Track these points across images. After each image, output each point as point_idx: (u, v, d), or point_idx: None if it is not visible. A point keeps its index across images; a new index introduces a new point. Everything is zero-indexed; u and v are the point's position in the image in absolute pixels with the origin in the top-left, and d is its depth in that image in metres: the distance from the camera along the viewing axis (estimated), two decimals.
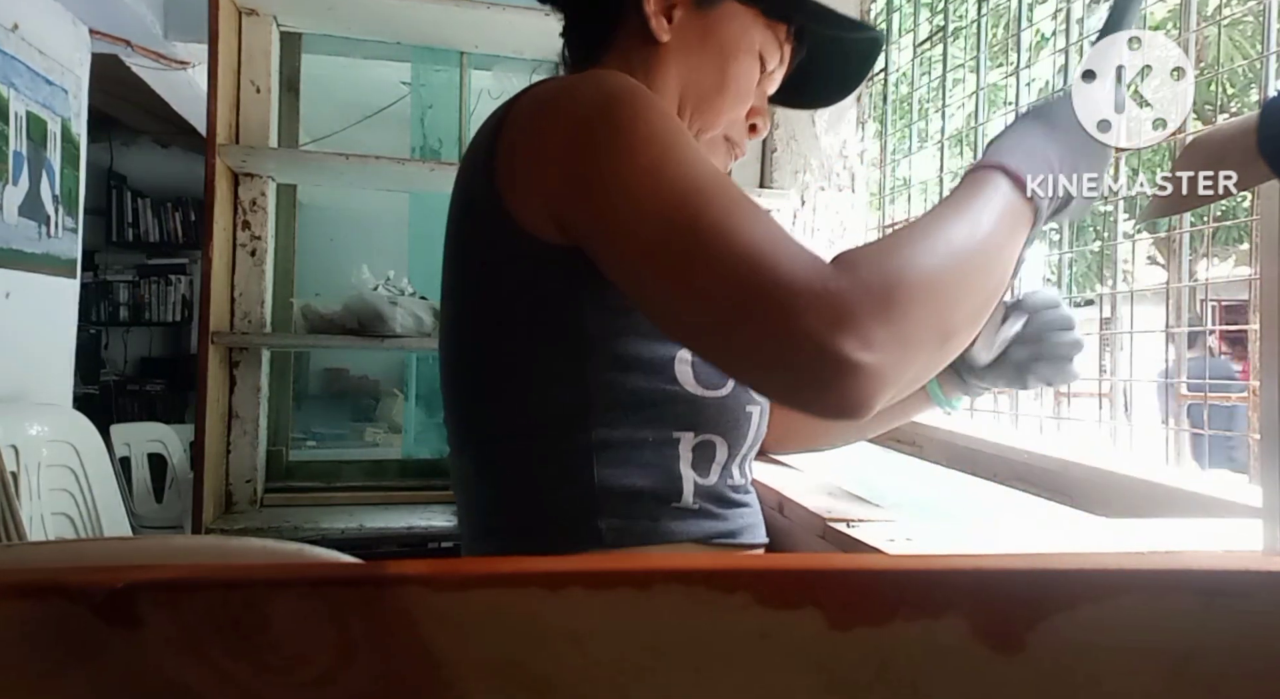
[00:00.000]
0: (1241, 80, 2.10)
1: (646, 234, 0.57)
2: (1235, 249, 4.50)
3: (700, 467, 0.72)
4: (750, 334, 0.52)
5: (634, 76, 0.74)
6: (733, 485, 0.76)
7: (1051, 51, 1.39)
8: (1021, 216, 0.60)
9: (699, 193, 0.56)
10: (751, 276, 0.52)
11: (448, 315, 0.75)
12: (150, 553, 0.56)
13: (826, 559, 0.27)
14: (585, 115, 0.63)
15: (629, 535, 0.69)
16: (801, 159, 1.90)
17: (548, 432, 0.70)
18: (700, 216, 0.55)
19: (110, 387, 4.80)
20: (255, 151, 1.62)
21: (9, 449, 1.86)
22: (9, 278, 2.42)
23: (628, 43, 0.78)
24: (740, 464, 0.77)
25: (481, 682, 0.23)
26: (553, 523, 0.70)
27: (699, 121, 0.79)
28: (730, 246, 0.53)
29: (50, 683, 0.22)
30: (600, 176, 0.60)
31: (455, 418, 0.76)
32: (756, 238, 0.53)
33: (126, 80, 3.22)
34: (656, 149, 0.59)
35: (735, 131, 0.82)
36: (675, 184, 0.57)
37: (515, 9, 1.66)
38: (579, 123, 0.62)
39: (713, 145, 0.82)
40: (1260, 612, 0.24)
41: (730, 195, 0.56)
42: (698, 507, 0.72)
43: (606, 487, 0.69)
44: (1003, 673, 0.23)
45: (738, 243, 0.53)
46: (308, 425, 2.91)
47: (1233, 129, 0.62)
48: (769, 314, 0.51)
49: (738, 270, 0.52)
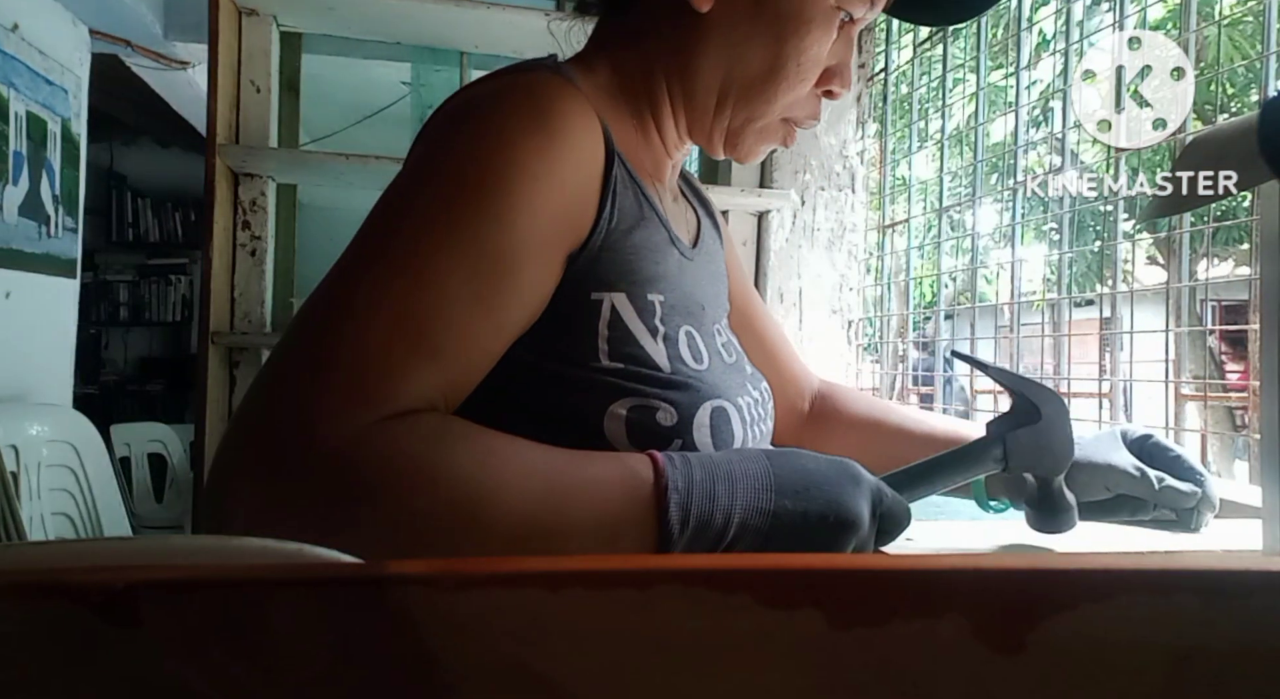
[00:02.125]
0: (1241, 80, 2.10)
1: (338, 262, 0.52)
2: (1235, 249, 4.49)
3: None
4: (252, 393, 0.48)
5: (663, 56, 0.66)
6: None
7: (1051, 52, 1.39)
8: (629, 531, 0.48)
9: (396, 265, 0.50)
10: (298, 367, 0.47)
11: None
12: (150, 553, 0.55)
13: (826, 559, 0.27)
14: (442, 125, 0.58)
15: None
16: (801, 159, 1.90)
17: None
18: (351, 289, 0.50)
19: (110, 387, 4.80)
20: (255, 151, 1.62)
21: (9, 449, 1.86)
22: (9, 278, 2.42)
23: (659, 12, 0.65)
24: None
25: (481, 682, 0.23)
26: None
27: (745, 111, 0.66)
28: (328, 331, 0.48)
29: (50, 683, 0.22)
30: (389, 189, 0.55)
31: None
32: (356, 342, 0.47)
33: (126, 80, 3.22)
34: (445, 193, 0.52)
35: (799, 109, 0.68)
36: (391, 242, 0.51)
37: (515, 9, 1.66)
38: (433, 130, 0.59)
39: (766, 132, 0.68)
40: (1260, 612, 0.24)
41: (423, 284, 0.49)
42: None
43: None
44: (1003, 673, 0.23)
45: (339, 331, 0.48)
46: None
47: (1233, 129, 0.62)
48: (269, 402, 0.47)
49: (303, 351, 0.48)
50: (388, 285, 0.49)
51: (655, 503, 0.48)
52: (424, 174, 0.55)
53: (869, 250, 1.97)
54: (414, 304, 0.49)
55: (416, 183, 0.55)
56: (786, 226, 1.91)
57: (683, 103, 0.68)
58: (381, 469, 0.45)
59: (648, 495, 0.48)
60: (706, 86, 0.65)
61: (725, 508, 0.49)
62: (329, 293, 0.50)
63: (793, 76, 0.64)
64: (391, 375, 0.47)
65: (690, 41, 0.64)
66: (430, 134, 0.59)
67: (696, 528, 0.49)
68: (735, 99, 0.65)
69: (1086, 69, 1.08)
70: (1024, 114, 1.42)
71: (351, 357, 0.47)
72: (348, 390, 0.46)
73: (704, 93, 0.66)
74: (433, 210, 0.52)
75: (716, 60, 0.64)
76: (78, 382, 2.95)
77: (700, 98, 0.66)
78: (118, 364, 4.99)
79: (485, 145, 0.54)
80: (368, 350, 0.47)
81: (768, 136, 0.69)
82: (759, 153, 0.71)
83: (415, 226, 0.51)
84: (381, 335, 0.48)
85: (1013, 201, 1.41)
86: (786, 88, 0.64)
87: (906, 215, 1.81)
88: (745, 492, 0.50)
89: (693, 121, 0.69)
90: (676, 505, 0.48)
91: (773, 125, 0.68)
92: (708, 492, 0.49)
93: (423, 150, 0.58)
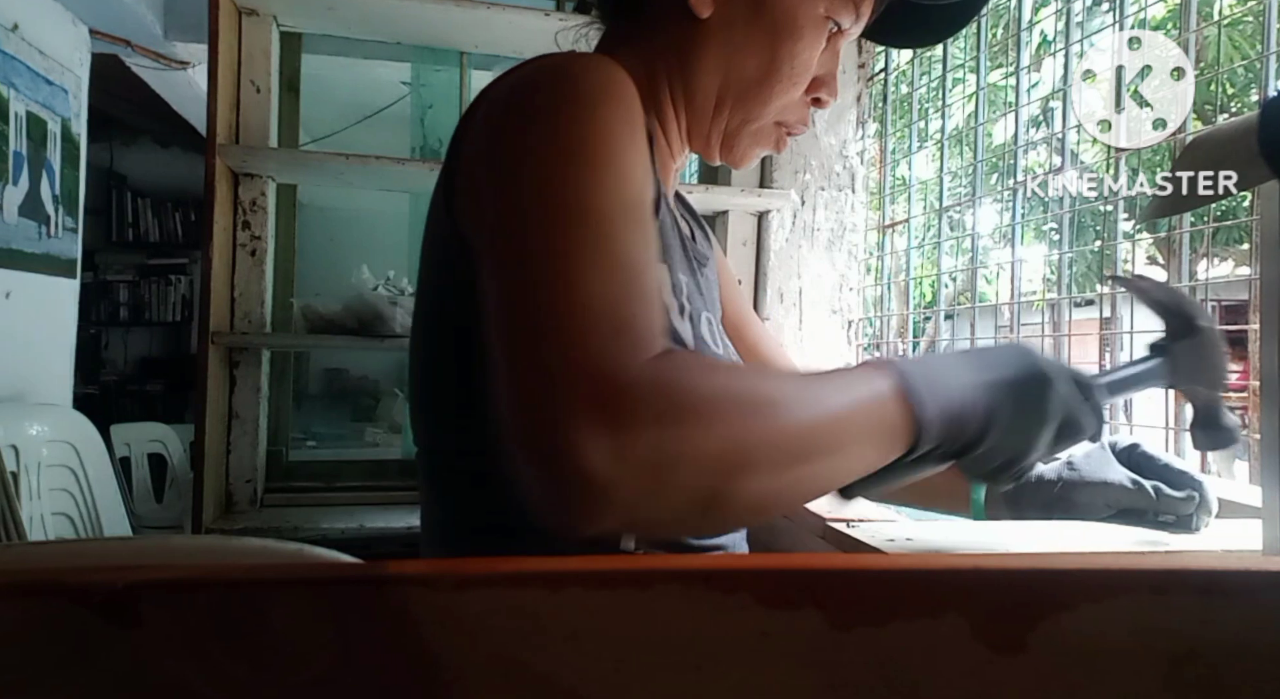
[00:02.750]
0: (1241, 80, 2.10)
1: (505, 251, 0.51)
2: (1235, 249, 4.50)
3: None
4: (522, 375, 0.46)
5: (666, 59, 0.69)
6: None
7: (1051, 52, 1.39)
8: (889, 426, 0.50)
9: (577, 225, 0.50)
10: (555, 336, 0.45)
11: (413, 317, 0.71)
12: (150, 553, 0.56)
13: (826, 559, 0.27)
14: (523, 111, 0.57)
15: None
16: (801, 159, 1.90)
17: (478, 452, 0.63)
18: (555, 256, 0.48)
19: (110, 387, 4.80)
20: (255, 151, 1.62)
21: (9, 449, 1.86)
22: (9, 278, 2.43)
23: (662, 17, 0.68)
24: None
25: (481, 682, 0.23)
26: (489, 545, 0.65)
27: (742, 113, 0.69)
28: (560, 296, 0.47)
29: (50, 683, 0.22)
30: (500, 173, 0.54)
31: (411, 419, 0.72)
32: (594, 294, 0.47)
33: (126, 80, 3.22)
34: (568, 163, 0.52)
35: (790, 114, 0.72)
36: (560, 208, 0.50)
37: (515, 9, 1.66)
38: (513, 109, 0.57)
39: (760, 135, 0.72)
40: (1260, 612, 0.24)
41: (610, 237, 0.50)
42: (642, 553, 0.65)
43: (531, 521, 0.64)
44: (1003, 673, 0.23)
45: (572, 295, 0.47)
46: (308, 425, 2.90)
47: (1233, 129, 0.62)
48: (547, 371, 0.45)
49: (547, 322, 0.46)
50: (595, 247, 0.49)
51: (901, 397, 0.50)
52: (548, 140, 0.54)
53: (869, 250, 1.97)
54: (622, 260, 0.50)
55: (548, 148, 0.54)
56: (786, 226, 1.91)
57: (684, 105, 0.71)
58: (696, 388, 0.45)
59: (892, 390, 0.51)
60: (706, 88, 0.68)
61: (954, 389, 0.52)
62: (542, 264, 0.49)
63: (786, 80, 0.67)
64: (639, 322, 0.47)
65: (691, 45, 0.67)
66: (524, 103, 0.58)
67: (944, 415, 0.51)
68: (733, 101, 0.69)
69: (1086, 69, 1.08)
70: (1024, 114, 1.42)
71: (603, 310, 0.46)
72: (622, 337, 0.46)
73: (703, 95, 0.69)
74: (581, 174, 0.52)
75: (716, 63, 0.67)
76: (78, 382, 2.95)
77: (700, 100, 0.70)
78: (118, 364, 4.99)
79: (590, 101, 0.55)
80: (614, 302, 0.47)
81: (762, 140, 0.73)
82: (752, 156, 0.74)
83: (577, 193, 0.51)
84: (617, 289, 0.48)
85: (1013, 201, 1.41)
86: (781, 91, 0.68)
87: (906, 215, 1.81)
88: (958, 373, 0.54)
89: (693, 124, 0.72)
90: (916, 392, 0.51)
91: (767, 128, 0.72)
92: (932, 378, 0.52)
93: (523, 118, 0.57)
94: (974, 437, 0.53)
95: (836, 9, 0.67)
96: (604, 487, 0.41)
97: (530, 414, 0.44)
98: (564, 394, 0.43)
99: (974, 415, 0.53)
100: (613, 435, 0.41)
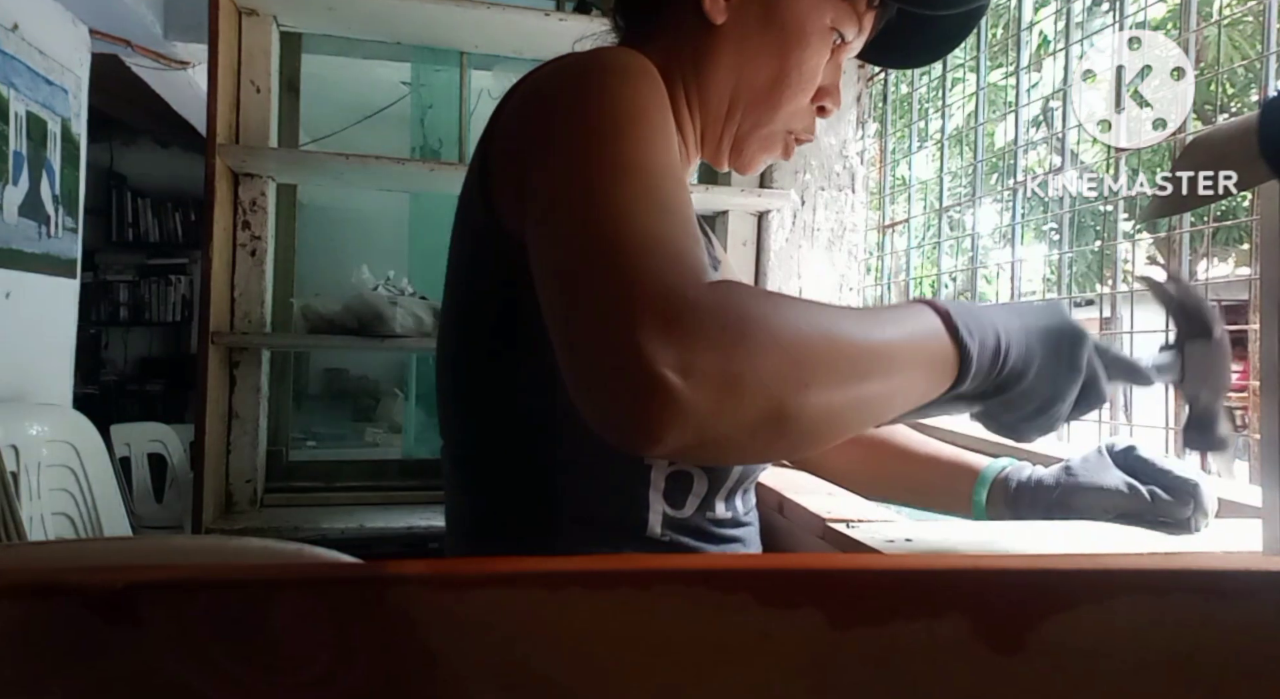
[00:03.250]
0: (1241, 80, 2.10)
1: (557, 203, 0.53)
2: (1235, 249, 4.49)
3: (674, 496, 0.67)
4: (584, 302, 0.47)
5: (682, 63, 0.71)
6: (714, 519, 0.70)
7: (1051, 52, 1.39)
8: (940, 357, 0.52)
9: (626, 173, 0.51)
10: (615, 259, 0.46)
11: (442, 313, 0.73)
12: (150, 553, 0.56)
13: (826, 559, 0.27)
14: (557, 90, 0.59)
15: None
16: (801, 159, 1.90)
17: (514, 446, 0.66)
18: (607, 199, 0.50)
19: (110, 387, 4.80)
20: (255, 151, 1.62)
21: (9, 449, 1.86)
22: (9, 278, 2.43)
23: (679, 23, 0.71)
24: (728, 497, 0.71)
25: (481, 682, 0.23)
26: (513, 541, 0.67)
27: (753, 117, 0.72)
28: (617, 230, 0.48)
29: (50, 683, 0.22)
30: (544, 143, 0.56)
31: (439, 414, 0.74)
32: (649, 228, 0.48)
33: (126, 80, 3.22)
34: (608, 127, 0.54)
35: (798, 122, 0.74)
36: (607, 161, 0.52)
37: (515, 9, 1.66)
38: (549, 97, 0.59)
39: (769, 140, 0.75)
40: (1260, 612, 0.24)
41: (658, 188, 0.52)
42: (667, 539, 0.66)
43: (567, 509, 0.65)
44: (1003, 673, 0.23)
45: (628, 228, 0.48)
46: (308, 425, 2.90)
47: (1233, 129, 0.62)
48: (610, 293, 0.45)
49: (605, 252, 0.47)
50: (646, 193, 0.51)
51: (952, 331, 0.53)
52: (590, 106, 0.56)
53: (869, 250, 1.97)
54: (669, 205, 0.51)
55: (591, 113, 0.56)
56: (786, 226, 1.91)
57: (699, 109, 0.73)
58: (757, 307, 0.46)
59: (938, 323, 0.53)
60: (720, 92, 0.71)
61: (994, 327, 0.55)
62: (595, 206, 0.50)
63: (795, 86, 0.70)
64: (693, 254, 0.49)
65: (705, 50, 0.70)
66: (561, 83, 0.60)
67: (988, 349, 0.54)
68: (745, 105, 0.71)
69: (1087, 69, 1.08)
70: (1024, 114, 1.42)
71: (658, 240, 0.48)
72: (681, 262, 0.47)
73: (717, 98, 0.72)
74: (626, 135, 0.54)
75: (729, 68, 0.70)
76: (78, 382, 2.95)
77: (714, 103, 0.72)
78: (118, 364, 4.99)
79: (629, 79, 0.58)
80: (667, 236, 0.48)
81: (770, 146, 0.75)
82: (760, 163, 0.77)
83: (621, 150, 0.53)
84: (668, 227, 0.49)
85: (1013, 202, 1.41)
86: (789, 97, 0.71)
87: (906, 215, 1.81)
88: (1000, 316, 0.56)
89: (705, 127, 0.74)
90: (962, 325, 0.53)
91: (775, 134, 0.74)
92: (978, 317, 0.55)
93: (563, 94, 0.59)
94: (1011, 376, 0.55)
95: (841, 20, 0.70)
96: (677, 398, 0.42)
97: (599, 335, 0.45)
98: (632, 312, 0.43)
99: (1015, 354, 0.54)
100: (681, 351, 0.42)
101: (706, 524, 0.69)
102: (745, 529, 0.74)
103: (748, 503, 0.75)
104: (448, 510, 0.76)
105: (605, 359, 0.44)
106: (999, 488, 0.81)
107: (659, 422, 0.42)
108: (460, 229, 0.69)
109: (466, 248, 0.68)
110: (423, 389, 2.11)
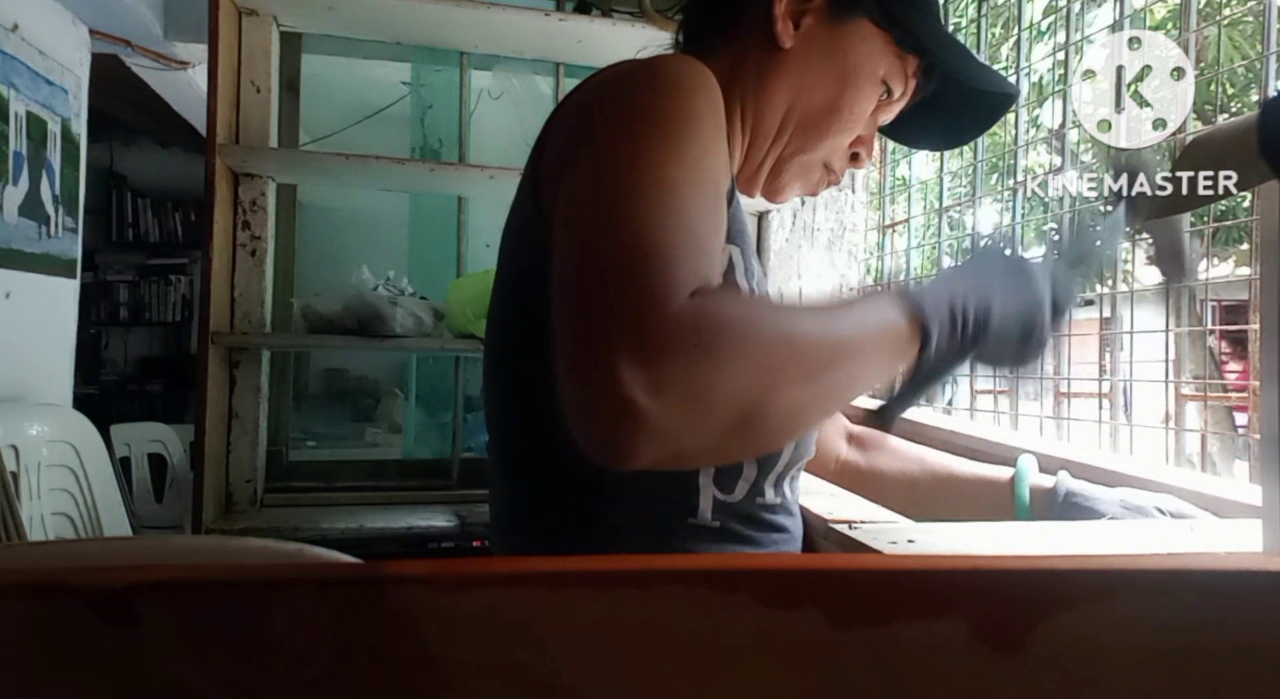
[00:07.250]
0: (1241, 80, 2.10)
1: (576, 207, 0.54)
2: (1235, 249, 4.50)
3: (724, 482, 0.68)
4: (574, 319, 0.49)
5: (743, 78, 0.73)
6: (765, 504, 0.70)
7: (1050, 50, 1.39)
8: (895, 329, 0.56)
9: (648, 188, 0.53)
10: (606, 277, 0.49)
11: (490, 310, 0.74)
12: (150, 553, 0.56)
13: (826, 559, 0.27)
14: (603, 96, 0.61)
15: (636, 549, 0.65)
16: None
17: (563, 433, 0.67)
18: (620, 212, 0.51)
19: (110, 387, 4.80)
20: (255, 151, 1.62)
21: (9, 449, 1.86)
22: (9, 278, 2.42)
23: (746, 40, 0.74)
24: (776, 482, 0.71)
25: (481, 682, 0.23)
26: (565, 526, 0.68)
27: (799, 141, 0.75)
28: (616, 246, 0.50)
29: (50, 683, 0.22)
30: (587, 144, 0.58)
31: (485, 407, 0.76)
32: (649, 245, 0.49)
33: (126, 80, 3.22)
34: (640, 136, 0.55)
35: (836, 159, 0.78)
36: (635, 174, 0.53)
37: (515, 9, 1.66)
38: (605, 95, 0.61)
39: (807, 169, 0.78)
40: (1260, 612, 0.24)
41: (678, 205, 0.53)
42: (718, 525, 0.67)
43: (617, 493, 0.66)
44: (1003, 673, 0.23)
45: (626, 245, 0.50)
46: (308, 425, 2.90)
47: (1233, 129, 0.62)
48: (596, 315, 0.48)
49: (602, 270, 0.49)
50: (663, 209, 0.52)
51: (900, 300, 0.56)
52: (638, 116, 0.58)
53: (869, 250, 1.97)
54: (684, 221, 0.53)
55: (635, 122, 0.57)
56: (786, 226, 1.91)
57: (751, 125, 0.75)
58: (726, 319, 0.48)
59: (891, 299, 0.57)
60: (774, 112, 0.74)
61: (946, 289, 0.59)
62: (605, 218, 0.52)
63: (844, 120, 0.74)
64: (687, 267, 0.50)
65: (769, 70, 0.73)
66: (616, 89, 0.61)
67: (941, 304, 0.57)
68: (794, 127, 0.74)
69: (1086, 69, 1.08)
70: (1024, 114, 1.42)
71: (655, 257, 0.49)
72: (669, 278, 0.48)
73: (770, 118, 0.74)
74: (662, 148, 0.55)
75: (787, 90, 0.73)
76: (78, 382, 2.95)
77: (767, 122, 0.75)
78: (118, 364, 4.99)
79: (679, 89, 0.59)
80: (668, 252, 0.50)
81: (805, 174, 0.78)
82: (792, 192, 0.80)
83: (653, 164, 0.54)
84: (673, 242, 0.51)
85: (1013, 202, 1.41)
86: (837, 129, 0.74)
87: (906, 215, 1.81)
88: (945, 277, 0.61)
89: (752, 144, 0.76)
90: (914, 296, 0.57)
91: (814, 164, 0.77)
92: (923, 286, 0.59)
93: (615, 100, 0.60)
94: (979, 324, 0.58)
95: (892, 75, 0.74)
96: (644, 418, 0.44)
97: (579, 355, 0.47)
98: (606, 334, 0.46)
99: (973, 305, 0.58)
100: (648, 369, 0.44)
101: (757, 510, 0.70)
102: (792, 519, 0.75)
103: (795, 490, 0.77)
104: (492, 505, 0.77)
105: (583, 380, 0.47)
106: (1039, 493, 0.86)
107: (631, 442, 0.45)
108: (511, 224, 0.70)
109: (515, 246, 0.69)
110: (423, 389, 2.10)
